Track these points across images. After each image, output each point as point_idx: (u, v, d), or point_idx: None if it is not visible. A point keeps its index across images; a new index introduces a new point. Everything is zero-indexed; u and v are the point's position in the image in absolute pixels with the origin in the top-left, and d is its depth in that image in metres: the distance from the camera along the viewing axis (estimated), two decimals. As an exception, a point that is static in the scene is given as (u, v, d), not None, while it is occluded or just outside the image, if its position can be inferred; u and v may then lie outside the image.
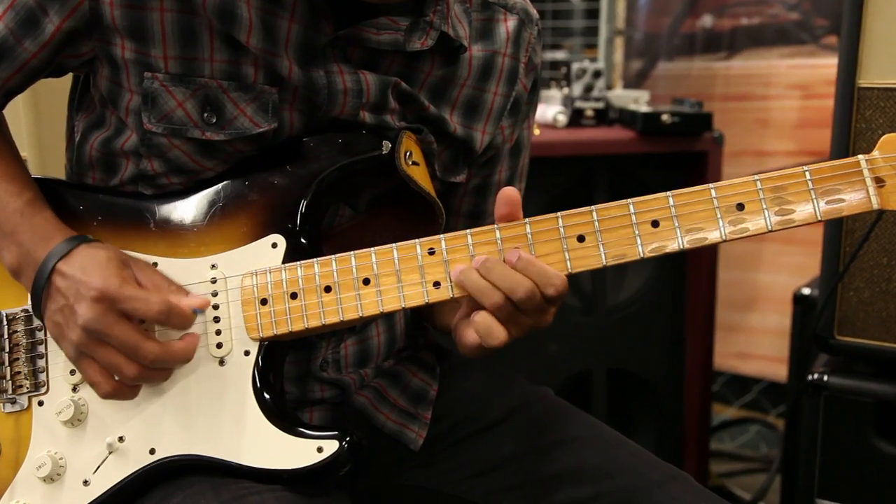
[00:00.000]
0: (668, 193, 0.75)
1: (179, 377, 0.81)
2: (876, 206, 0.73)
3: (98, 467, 0.82)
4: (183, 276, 0.83)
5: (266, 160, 0.85)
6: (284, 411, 0.82)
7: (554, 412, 0.97)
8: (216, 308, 0.82)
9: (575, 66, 1.87)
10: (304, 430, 0.79)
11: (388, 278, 0.79)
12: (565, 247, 0.76)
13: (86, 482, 0.82)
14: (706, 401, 1.88)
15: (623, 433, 0.96)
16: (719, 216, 0.74)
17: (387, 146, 0.84)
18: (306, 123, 0.85)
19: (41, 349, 0.86)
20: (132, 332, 0.76)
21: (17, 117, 1.24)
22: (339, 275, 0.79)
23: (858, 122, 1.17)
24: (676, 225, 0.75)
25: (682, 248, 0.75)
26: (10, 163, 0.87)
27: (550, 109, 1.82)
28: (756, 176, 0.74)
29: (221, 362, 0.81)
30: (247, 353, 0.81)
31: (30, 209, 0.83)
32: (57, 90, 0.98)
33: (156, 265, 0.84)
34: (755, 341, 2.30)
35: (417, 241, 0.79)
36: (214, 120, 0.82)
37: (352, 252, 0.80)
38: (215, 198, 0.85)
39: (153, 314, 0.76)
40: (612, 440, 0.94)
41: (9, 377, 0.85)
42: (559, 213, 0.76)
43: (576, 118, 1.82)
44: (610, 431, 0.96)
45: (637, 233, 0.75)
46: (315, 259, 0.81)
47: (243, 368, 0.81)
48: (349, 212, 0.91)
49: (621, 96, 1.89)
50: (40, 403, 0.85)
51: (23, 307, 0.86)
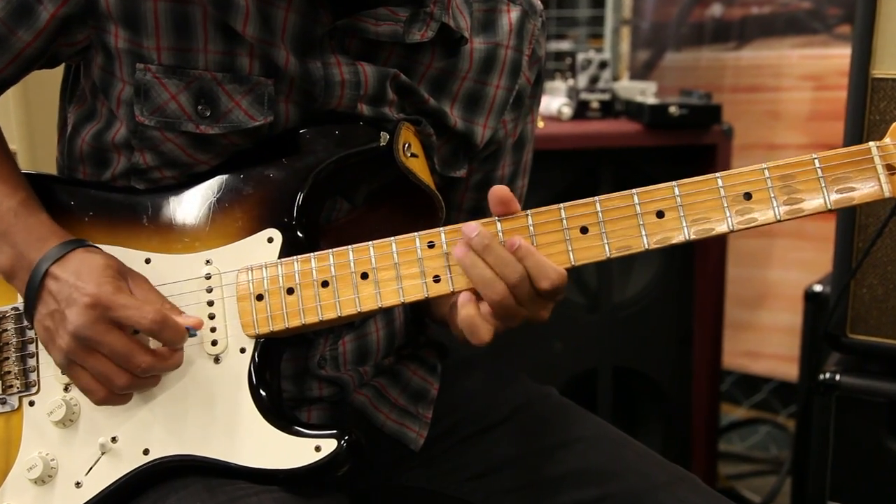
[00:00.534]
0: (674, 183, 0.74)
1: (173, 376, 0.80)
2: (888, 195, 0.72)
3: (90, 468, 0.81)
4: (177, 272, 0.82)
5: (262, 153, 0.84)
6: (281, 410, 0.81)
7: (558, 412, 0.96)
8: (211, 304, 0.81)
9: (580, 57, 1.85)
10: (301, 428, 0.79)
11: (386, 272, 0.78)
12: (568, 238, 0.75)
13: (78, 484, 0.81)
14: (714, 401, 1.87)
15: (629, 433, 0.95)
16: (726, 206, 0.73)
17: (385, 138, 0.83)
18: (303, 116, 0.84)
19: (32, 348, 0.85)
20: (125, 341, 0.75)
21: (7, 110, 1.24)
22: (337, 269, 0.79)
23: (872, 114, 1.15)
24: (682, 215, 0.74)
25: (688, 239, 0.74)
26: (2, 161, 0.86)
27: (555, 101, 1.80)
28: (764, 164, 0.73)
29: (216, 360, 0.81)
30: (242, 350, 0.80)
31: (24, 210, 0.82)
32: (48, 82, 0.97)
33: (149, 261, 0.83)
34: (765, 340, 2.28)
35: (417, 234, 0.78)
36: (209, 113, 0.81)
37: (349, 246, 0.79)
38: (210, 192, 0.84)
39: (146, 323, 0.75)
40: (618, 441, 0.93)
41: (-1, 376, 0.84)
42: (562, 205, 0.75)
43: (581, 110, 1.80)
44: (615, 432, 0.95)
45: (642, 223, 0.74)
46: (312, 253, 0.80)
47: (239, 366, 0.80)
48: (347, 205, 0.90)
49: (628, 88, 1.87)
50: (31, 404, 0.84)
51: (13, 305, 0.85)
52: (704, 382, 1.82)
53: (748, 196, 0.73)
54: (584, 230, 0.75)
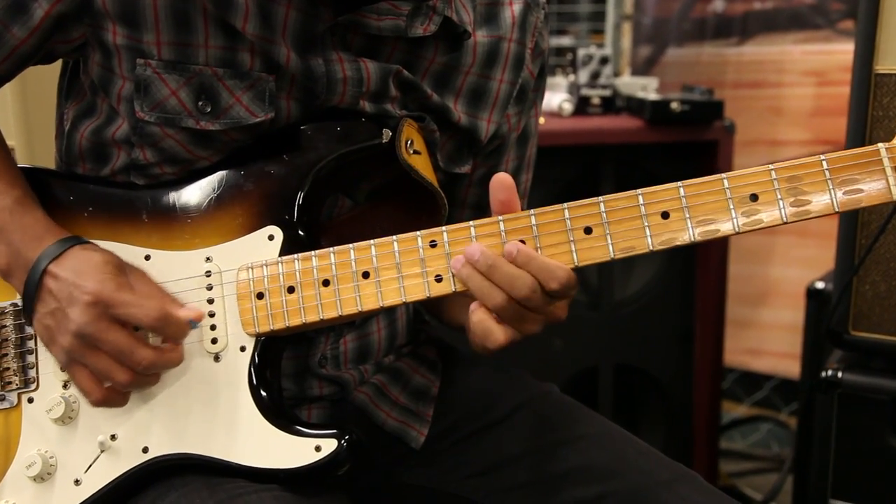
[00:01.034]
0: (679, 184, 0.73)
1: (173, 374, 0.80)
2: (897, 197, 0.71)
3: (89, 466, 0.81)
4: (176, 270, 0.81)
5: (262, 149, 0.83)
6: (281, 409, 0.81)
7: (559, 409, 0.96)
8: (211, 302, 0.81)
9: (581, 53, 1.84)
10: (301, 428, 0.78)
11: (388, 272, 0.77)
12: (572, 239, 0.74)
13: (77, 481, 0.81)
14: (716, 398, 1.87)
15: (630, 431, 0.95)
16: (732, 207, 0.72)
17: (387, 134, 0.82)
18: (304, 112, 0.84)
19: (30, 344, 0.84)
20: (127, 337, 0.75)
21: (5, 105, 1.23)
22: (338, 268, 0.78)
23: (875, 110, 1.15)
24: (687, 216, 0.73)
25: (693, 240, 0.73)
26: None
27: (556, 97, 1.79)
28: (771, 165, 0.72)
29: (216, 358, 0.80)
30: (242, 348, 0.80)
31: (20, 207, 0.81)
32: (45, 77, 0.96)
33: (149, 258, 0.82)
34: (767, 337, 2.28)
35: (419, 233, 0.77)
36: (209, 109, 0.81)
37: (351, 244, 0.78)
38: (210, 188, 0.83)
39: (149, 321, 0.75)
40: (620, 438, 0.93)
41: (-2, 373, 0.84)
42: (565, 205, 0.75)
43: (582, 106, 1.80)
44: (617, 429, 0.94)
45: (646, 224, 0.73)
46: (313, 252, 0.79)
47: (239, 365, 0.80)
48: (348, 203, 0.90)
49: (629, 83, 1.86)
50: (30, 400, 0.83)
51: (11, 301, 0.85)
52: (706, 380, 1.82)
53: (755, 197, 0.72)
54: (588, 230, 0.74)
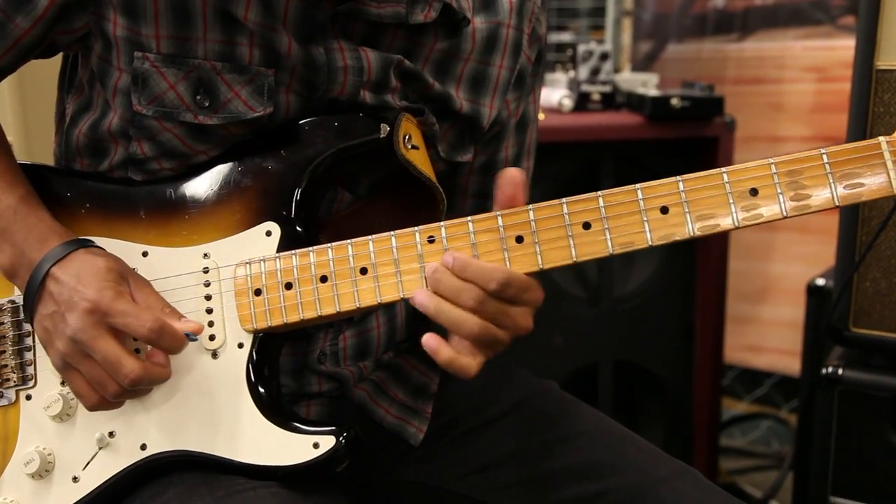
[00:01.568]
0: (678, 178, 0.73)
1: (171, 371, 0.79)
2: (898, 190, 0.71)
3: (88, 463, 0.81)
4: (174, 266, 0.81)
5: (260, 144, 0.83)
6: (280, 406, 0.80)
7: (559, 406, 0.96)
8: (208, 299, 0.80)
9: (581, 49, 1.83)
10: (300, 425, 0.78)
11: (386, 268, 0.77)
12: (570, 234, 0.74)
13: (75, 478, 0.81)
14: (716, 395, 1.86)
15: (630, 428, 0.95)
16: (732, 202, 0.72)
17: (385, 129, 0.82)
18: (303, 106, 0.83)
19: (28, 341, 0.84)
20: (115, 348, 0.74)
21: (3, 101, 1.23)
22: (336, 264, 0.78)
23: (876, 106, 1.15)
24: (687, 211, 0.72)
25: (692, 235, 0.73)
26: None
27: (555, 93, 1.79)
28: (771, 159, 0.72)
29: (214, 355, 0.80)
30: (240, 345, 0.80)
31: (24, 207, 0.81)
32: (43, 73, 0.96)
33: (146, 254, 0.82)
34: (767, 334, 2.27)
35: (417, 228, 0.77)
36: (207, 103, 0.80)
37: (349, 240, 0.78)
38: (207, 184, 0.83)
39: (144, 332, 0.74)
40: (619, 435, 0.93)
41: (-5, 370, 0.84)
42: (564, 200, 0.74)
43: (582, 102, 1.79)
44: (616, 426, 0.94)
45: (645, 219, 0.73)
46: (311, 248, 0.79)
47: (237, 361, 0.79)
48: (347, 198, 0.89)
49: (629, 79, 1.86)
50: (28, 397, 0.83)
51: (9, 298, 0.85)
52: (706, 377, 1.82)
53: (754, 192, 0.71)
54: (587, 226, 0.73)
